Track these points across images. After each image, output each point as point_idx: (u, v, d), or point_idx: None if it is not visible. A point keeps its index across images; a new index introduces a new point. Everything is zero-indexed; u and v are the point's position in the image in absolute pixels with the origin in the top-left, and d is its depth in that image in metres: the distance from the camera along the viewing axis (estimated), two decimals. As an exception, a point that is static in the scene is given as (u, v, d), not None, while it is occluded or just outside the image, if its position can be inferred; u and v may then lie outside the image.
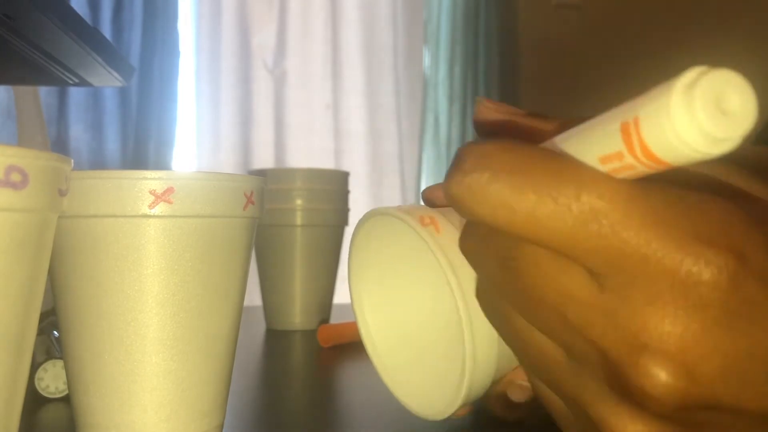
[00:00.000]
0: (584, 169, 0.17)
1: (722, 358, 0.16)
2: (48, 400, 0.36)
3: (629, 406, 0.17)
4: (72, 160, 0.24)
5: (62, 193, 0.22)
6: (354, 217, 0.71)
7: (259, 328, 0.65)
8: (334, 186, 0.66)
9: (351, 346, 0.55)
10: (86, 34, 0.43)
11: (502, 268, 0.19)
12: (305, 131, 2.14)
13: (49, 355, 0.37)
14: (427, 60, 2.25)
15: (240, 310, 0.30)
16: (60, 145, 1.80)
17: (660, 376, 0.16)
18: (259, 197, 0.30)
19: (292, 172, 0.64)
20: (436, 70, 2.22)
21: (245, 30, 2.12)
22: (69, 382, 0.29)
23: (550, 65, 2.28)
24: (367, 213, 0.31)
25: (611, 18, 2.24)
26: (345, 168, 1.22)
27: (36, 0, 0.37)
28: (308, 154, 2.13)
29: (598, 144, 0.16)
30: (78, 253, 0.27)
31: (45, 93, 1.75)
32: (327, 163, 2.12)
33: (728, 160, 0.19)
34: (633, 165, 0.15)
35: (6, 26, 0.39)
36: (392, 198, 2.16)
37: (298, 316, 0.64)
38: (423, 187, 2.15)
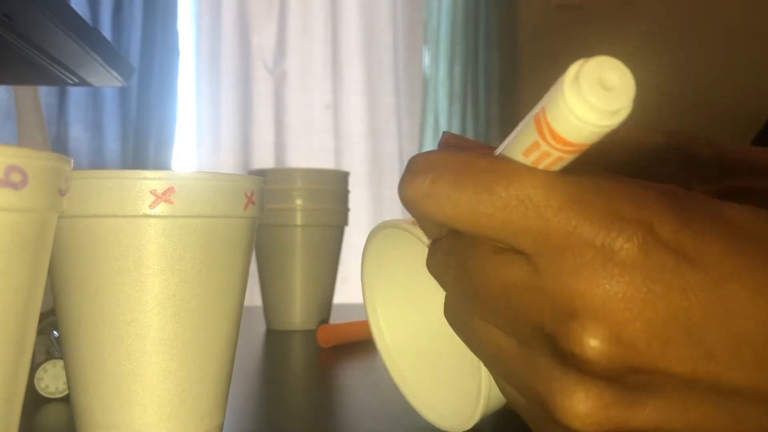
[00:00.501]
0: (512, 163, 0.19)
1: (643, 321, 0.18)
2: (48, 400, 0.36)
3: (571, 376, 0.19)
4: (72, 160, 0.24)
5: (62, 193, 0.22)
6: (354, 217, 0.71)
7: (259, 328, 0.65)
8: (334, 186, 0.66)
9: (351, 346, 0.55)
10: (86, 33, 0.43)
11: (458, 275, 0.22)
12: (305, 131, 2.14)
13: (49, 355, 0.37)
14: (427, 60, 2.25)
15: (240, 310, 0.30)
16: (60, 145, 1.80)
17: (590, 339, 0.18)
18: (259, 197, 0.30)
19: (292, 172, 0.64)
20: (436, 70, 2.22)
21: (245, 30, 2.12)
22: (69, 382, 0.29)
23: (550, 65, 2.28)
24: (379, 225, 0.32)
25: (611, 18, 2.24)
26: (345, 168, 1.22)
27: (36, 0, 0.37)
28: (308, 154, 2.13)
29: (520, 141, 0.19)
30: (78, 253, 0.27)
31: (45, 93, 1.75)
32: (327, 163, 2.12)
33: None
34: (549, 152, 0.18)
35: (6, 26, 0.39)
36: (392, 198, 2.16)
37: (298, 316, 0.64)
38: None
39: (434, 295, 0.34)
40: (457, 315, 0.23)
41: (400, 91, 2.24)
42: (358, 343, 0.56)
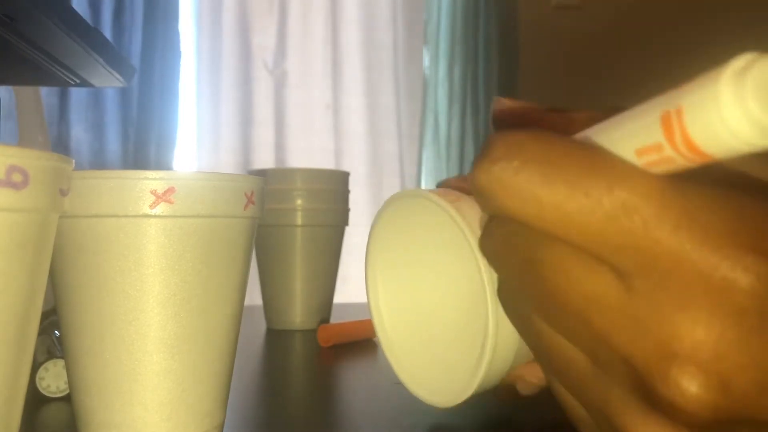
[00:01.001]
0: (618, 162, 0.16)
1: (758, 369, 0.15)
2: (49, 400, 0.36)
3: (657, 418, 0.17)
4: (73, 160, 0.24)
5: (63, 193, 0.23)
6: (354, 217, 0.71)
7: (259, 328, 0.65)
8: (334, 186, 0.66)
9: (351, 346, 0.55)
10: (87, 34, 0.43)
11: (524, 271, 0.19)
12: (305, 131, 2.14)
13: (51, 355, 0.37)
14: (427, 60, 2.25)
15: (240, 309, 0.31)
16: (61, 146, 1.80)
17: (691, 388, 0.15)
18: (259, 197, 0.30)
19: (292, 172, 0.65)
20: (436, 70, 2.22)
21: (245, 30, 2.12)
22: (70, 382, 0.29)
23: (550, 65, 2.28)
24: (396, 194, 0.30)
25: (611, 18, 2.24)
26: (345, 168, 1.22)
27: (37, 1, 0.37)
28: (308, 154, 2.13)
29: (635, 136, 0.15)
30: (79, 253, 0.27)
31: (46, 93, 1.75)
32: (327, 163, 2.12)
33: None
34: (672, 158, 0.15)
35: (7, 27, 0.39)
36: (392, 198, 2.16)
37: (298, 316, 0.64)
38: (423, 187, 2.14)
39: (436, 274, 0.34)
40: (515, 309, 0.21)
41: (400, 91, 2.24)
42: (358, 343, 0.56)
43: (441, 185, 0.28)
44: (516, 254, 0.19)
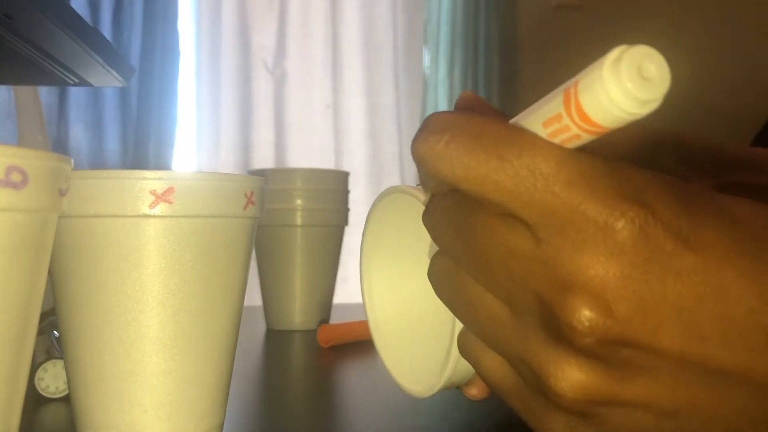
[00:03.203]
0: (528, 134, 0.19)
1: (638, 299, 0.18)
2: (48, 400, 0.36)
3: (564, 349, 0.19)
4: (72, 160, 0.24)
5: (62, 193, 0.22)
6: (354, 218, 0.71)
7: (259, 328, 0.65)
8: (334, 186, 0.66)
9: (351, 346, 0.55)
10: (86, 34, 0.43)
11: (457, 235, 0.22)
12: (305, 131, 2.14)
13: (50, 355, 0.37)
14: (427, 60, 2.25)
15: (240, 310, 0.30)
16: (60, 145, 1.80)
17: (584, 311, 0.18)
18: (259, 197, 0.30)
19: (292, 172, 0.64)
20: (436, 70, 2.22)
21: (245, 30, 2.12)
22: (69, 382, 0.29)
23: (550, 65, 2.28)
24: (387, 189, 0.32)
25: (611, 18, 2.24)
26: (345, 168, 1.22)
27: (36, 0, 0.37)
28: (308, 154, 2.13)
29: (543, 110, 0.19)
30: (78, 253, 0.27)
31: (45, 93, 1.75)
32: (327, 163, 2.12)
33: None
34: (569, 126, 0.18)
35: (6, 26, 0.39)
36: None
37: (298, 316, 0.64)
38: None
39: (425, 266, 0.35)
40: (445, 274, 0.24)
41: (400, 91, 2.24)
42: (358, 343, 0.56)
43: (459, 103, 0.30)
44: (450, 223, 0.22)
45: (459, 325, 0.26)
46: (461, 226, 0.22)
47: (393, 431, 0.33)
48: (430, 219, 0.24)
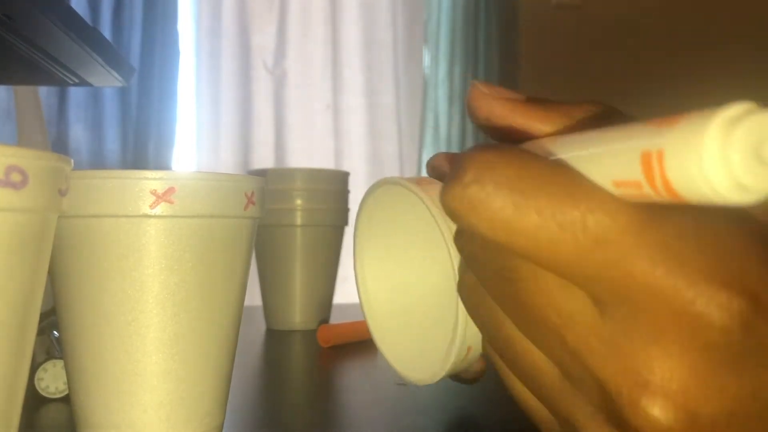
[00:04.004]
0: (595, 190, 0.15)
1: (726, 400, 0.15)
2: (48, 400, 0.36)
3: None
4: (72, 160, 0.24)
5: (62, 193, 0.22)
6: (354, 218, 0.70)
7: (259, 328, 0.65)
8: (334, 186, 0.66)
9: (351, 346, 0.55)
10: (86, 34, 0.43)
11: (499, 277, 0.18)
12: (305, 131, 2.14)
13: (49, 355, 0.37)
14: (427, 60, 2.25)
15: (240, 310, 0.30)
16: (60, 145, 1.80)
17: (660, 418, 0.15)
18: (259, 197, 0.30)
19: (292, 172, 0.64)
20: (436, 70, 2.22)
21: (245, 30, 2.12)
22: (69, 382, 0.29)
23: (550, 65, 2.28)
24: (378, 181, 0.30)
25: (611, 18, 2.24)
26: (345, 168, 1.22)
27: (36, 0, 0.37)
28: (308, 154, 2.12)
29: (614, 167, 0.15)
30: (78, 253, 0.27)
31: (45, 93, 1.75)
32: (327, 163, 2.12)
33: None
34: (650, 196, 0.14)
35: (6, 26, 0.39)
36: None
37: (298, 316, 0.64)
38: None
39: (419, 256, 0.35)
40: (481, 307, 0.21)
41: (400, 91, 2.24)
42: (358, 343, 0.56)
43: (431, 160, 0.29)
44: (492, 261, 0.19)
45: (462, 315, 0.25)
46: (505, 269, 0.18)
47: (393, 431, 0.33)
48: (464, 244, 0.20)
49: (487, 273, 0.19)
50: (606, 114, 0.21)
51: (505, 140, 0.22)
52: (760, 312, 0.15)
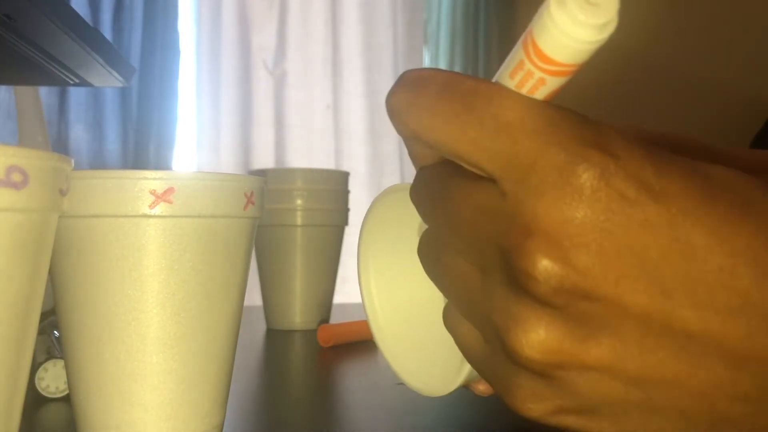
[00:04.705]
0: (494, 85, 0.19)
1: (599, 247, 0.18)
2: (48, 400, 0.36)
3: (524, 303, 0.19)
4: (72, 160, 0.24)
5: (63, 193, 0.22)
6: (354, 218, 0.71)
7: (259, 328, 0.65)
8: (334, 186, 0.66)
9: (351, 346, 0.55)
10: (86, 34, 0.43)
11: (435, 204, 0.22)
12: (305, 131, 2.14)
13: (50, 355, 0.37)
14: (427, 60, 2.25)
15: (240, 310, 0.30)
16: (60, 145, 1.80)
17: (540, 257, 0.18)
18: (259, 197, 0.30)
19: (292, 172, 0.65)
20: (436, 70, 2.22)
21: (245, 30, 2.12)
22: (69, 382, 0.29)
23: (550, 65, 2.28)
24: (388, 188, 0.32)
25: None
26: (345, 168, 1.22)
27: (36, 0, 0.37)
28: (308, 154, 2.12)
29: (507, 63, 0.19)
30: (78, 253, 0.27)
31: (45, 93, 1.75)
32: (327, 163, 2.12)
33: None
34: (532, 71, 0.18)
35: (6, 26, 0.39)
36: (392, 198, 2.16)
37: (298, 316, 0.64)
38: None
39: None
40: (429, 249, 0.24)
41: (401, 91, 2.24)
42: (358, 343, 0.56)
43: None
44: (429, 193, 0.22)
45: None
46: (438, 193, 0.22)
47: (393, 431, 0.33)
48: (414, 194, 0.24)
49: (429, 208, 0.23)
50: None
51: None
52: (618, 167, 0.18)
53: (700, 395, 0.18)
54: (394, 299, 0.35)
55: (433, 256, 0.23)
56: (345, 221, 0.67)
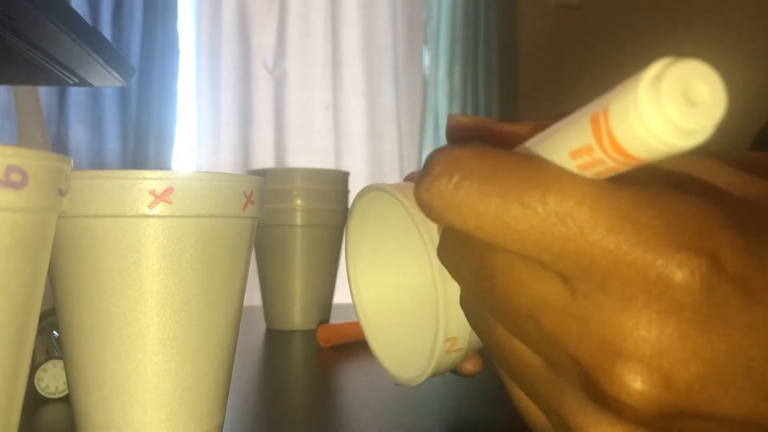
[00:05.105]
0: (552, 168, 0.16)
1: (699, 362, 0.16)
2: (48, 401, 0.36)
3: (607, 415, 0.17)
4: (72, 160, 0.24)
5: (62, 193, 0.22)
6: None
7: (259, 328, 0.65)
8: (334, 186, 0.66)
9: (351, 346, 0.55)
10: (86, 34, 0.43)
11: (477, 277, 0.19)
12: (305, 131, 2.14)
13: (49, 355, 0.37)
14: (427, 60, 2.25)
15: (240, 310, 0.30)
16: (60, 145, 1.80)
17: (635, 383, 0.16)
18: (258, 197, 0.30)
19: (292, 172, 0.64)
20: (436, 70, 2.22)
21: (245, 30, 2.12)
22: (69, 382, 0.29)
23: (550, 65, 2.28)
24: (364, 188, 0.31)
25: (611, 18, 2.24)
26: (345, 168, 1.22)
27: (36, 0, 0.37)
28: (308, 154, 2.12)
29: (569, 139, 0.16)
30: (78, 253, 0.27)
31: (45, 93, 1.75)
32: (327, 163, 2.12)
33: (716, 156, 0.20)
34: (602, 159, 0.15)
35: (6, 26, 0.39)
36: (392, 198, 2.16)
37: (298, 316, 0.64)
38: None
39: (410, 255, 0.36)
40: (475, 316, 0.22)
41: (400, 91, 2.24)
42: (358, 343, 0.56)
43: (407, 179, 0.29)
44: (468, 263, 0.20)
45: (443, 309, 0.26)
46: (481, 268, 0.19)
47: (393, 431, 0.33)
48: (445, 256, 0.21)
49: (467, 277, 0.20)
50: None
51: None
52: (720, 270, 0.15)
53: None
54: (379, 290, 0.36)
55: (480, 323, 0.21)
56: (345, 221, 0.67)
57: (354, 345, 0.56)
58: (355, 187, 0.73)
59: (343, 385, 0.45)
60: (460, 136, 0.25)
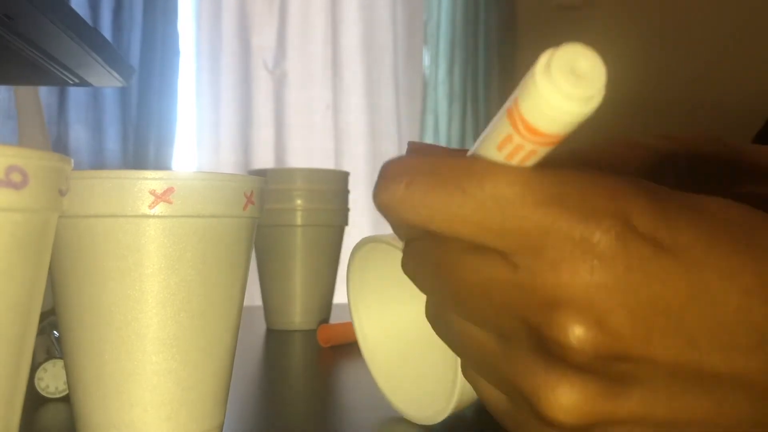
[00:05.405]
0: (484, 162, 0.19)
1: (625, 309, 0.18)
2: (48, 400, 0.36)
3: (555, 370, 0.19)
4: (72, 160, 0.24)
5: (62, 193, 0.22)
6: (354, 217, 0.71)
7: (259, 328, 0.65)
8: (334, 186, 0.66)
9: (351, 346, 0.55)
10: (86, 34, 0.43)
11: (435, 276, 0.22)
12: (305, 131, 2.14)
13: (49, 355, 0.37)
14: (427, 60, 2.25)
15: (240, 309, 0.30)
16: (60, 145, 1.80)
17: (574, 328, 0.18)
18: (259, 197, 0.30)
19: (292, 172, 0.65)
20: (436, 70, 2.22)
21: (245, 30, 2.12)
22: (69, 382, 0.29)
23: (550, 65, 2.28)
24: (362, 240, 0.34)
25: (611, 18, 2.24)
26: (345, 168, 1.22)
27: (36, 0, 0.37)
28: (308, 154, 2.12)
29: (494, 135, 0.19)
30: (78, 253, 0.27)
31: (45, 93, 1.75)
32: (327, 163, 2.12)
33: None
34: (522, 144, 0.18)
35: (6, 26, 0.39)
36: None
37: (298, 316, 0.64)
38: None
39: (411, 299, 0.37)
40: (436, 316, 0.24)
41: (400, 91, 2.24)
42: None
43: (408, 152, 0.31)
44: (427, 266, 0.22)
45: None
46: (437, 268, 0.21)
47: (392, 431, 0.33)
48: (407, 266, 0.24)
49: (428, 280, 0.22)
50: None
51: None
52: (631, 228, 0.18)
53: (727, 426, 0.19)
54: (385, 333, 0.38)
55: (442, 323, 0.23)
56: (345, 221, 0.67)
57: (354, 345, 0.56)
58: (355, 187, 0.73)
59: (343, 385, 0.45)
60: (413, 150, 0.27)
